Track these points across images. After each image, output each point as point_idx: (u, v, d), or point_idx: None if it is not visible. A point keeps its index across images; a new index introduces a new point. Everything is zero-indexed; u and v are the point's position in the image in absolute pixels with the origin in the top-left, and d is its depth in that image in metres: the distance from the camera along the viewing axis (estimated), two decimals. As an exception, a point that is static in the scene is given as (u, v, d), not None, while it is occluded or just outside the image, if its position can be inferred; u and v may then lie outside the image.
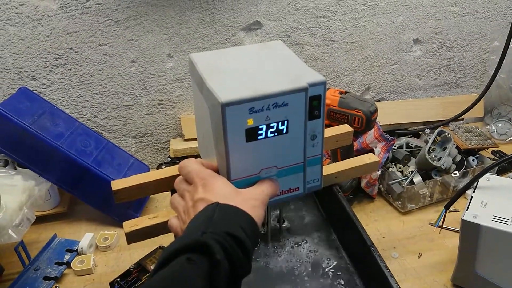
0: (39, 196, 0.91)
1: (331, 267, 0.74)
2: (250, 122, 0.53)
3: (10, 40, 1.01)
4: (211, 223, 0.47)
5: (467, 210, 0.77)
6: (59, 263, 0.90)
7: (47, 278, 0.86)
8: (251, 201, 0.53)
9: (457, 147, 1.11)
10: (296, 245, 0.78)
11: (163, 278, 0.42)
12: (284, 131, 0.56)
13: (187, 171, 0.57)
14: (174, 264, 0.43)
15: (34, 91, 1.05)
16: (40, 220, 0.99)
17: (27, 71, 1.05)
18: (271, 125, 0.55)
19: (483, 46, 1.36)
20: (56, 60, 1.06)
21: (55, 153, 0.94)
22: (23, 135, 0.92)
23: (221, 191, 0.53)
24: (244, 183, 0.57)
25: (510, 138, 1.31)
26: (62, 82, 1.08)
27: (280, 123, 0.55)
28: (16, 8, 0.98)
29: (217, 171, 0.58)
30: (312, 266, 0.74)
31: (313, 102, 0.56)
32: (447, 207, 0.82)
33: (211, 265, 0.43)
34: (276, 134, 0.55)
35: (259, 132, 0.54)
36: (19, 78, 1.06)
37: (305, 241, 0.79)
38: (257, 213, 0.52)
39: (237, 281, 0.47)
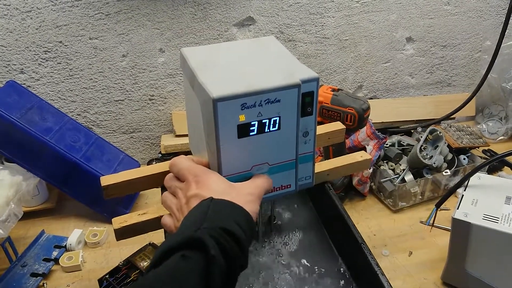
0: (26, 191, 0.90)
1: (322, 264, 0.74)
2: (242, 118, 0.53)
3: (-2, 32, 0.99)
4: (205, 219, 0.46)
5: (457, 209, 0.77)
6: (47, 260, 0.89)
7: (34, 275, 0.85)
8: (247, 195, 0.53)
9: (449, 146, 1.12)
10: (287, 242, 0.78)
11: (158, 275, 0.41)
12: (276, 128, 0.55)
13: (179, 168, 0.56)
14: (169, 261, 0.42)
15: (23, 85, 1.03)
16: (28, 215, 0.98)
17: (15, 64, 1.03)
18: (263, 121, 0.54)
19: (475, 46, 1.36)
20: (45, 54, 1.04)
21: (43, 148, 0.93)
22: (11, 129, 0.91)
23: (215, 186, 0.52)
24: (235, 179, 0.56)
25: (500, 137, 1.32)
26: (51, 76, 1.07)
27: (272, 119, 0.55)
28: (4, -1, 0.97)
29: (208, 167, 0.57)
30: (302, 264, 0.74)
31: (306, 99, 0.56)
32: (438, 206, 0.82)
33: (206, 260, 0.42)
34: (268, 130, 0.55)
35: (251, 128, 0.54)
36: (7, 71, 1.04)
37: (296, 238, 0.78)
38: (252, 208, 0.51)
39: (234, 276, 0.46)
